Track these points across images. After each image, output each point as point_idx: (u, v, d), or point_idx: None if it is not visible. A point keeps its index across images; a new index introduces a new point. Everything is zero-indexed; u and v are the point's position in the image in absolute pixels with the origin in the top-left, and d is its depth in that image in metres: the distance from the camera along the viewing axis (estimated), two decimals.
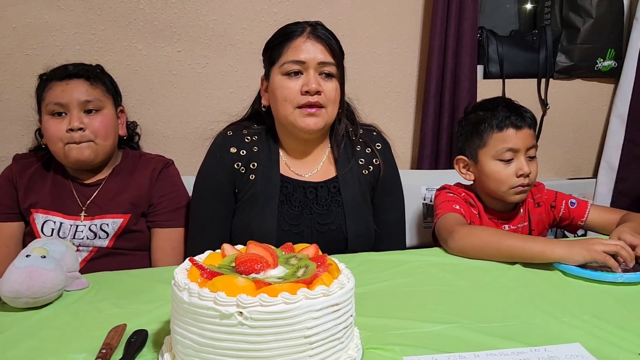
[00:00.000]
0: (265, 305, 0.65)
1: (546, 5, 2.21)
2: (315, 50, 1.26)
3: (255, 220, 1.29)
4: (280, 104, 1.27)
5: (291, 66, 1.26)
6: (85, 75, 1.34)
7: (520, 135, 1.31)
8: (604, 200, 2.16)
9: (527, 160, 1.32)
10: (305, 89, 1.25)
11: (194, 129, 1.83)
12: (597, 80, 2.20)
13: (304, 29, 1.29)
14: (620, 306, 0.98)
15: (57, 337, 0.85)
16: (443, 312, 0.93)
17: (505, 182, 1.32)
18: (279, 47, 1.29)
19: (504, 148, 1.32)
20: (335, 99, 1.29)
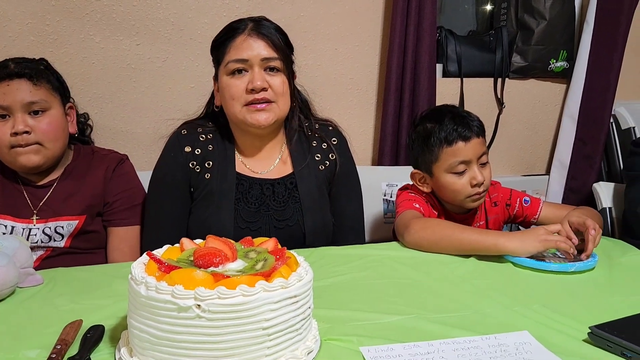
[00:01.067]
0: (223, 297, 0.66)
1: (502, 7, 2.28)
2: (257, 46, 1.26)
3: (211, 219, 1.29)
4: (229, 103, 1.28)
5: (234, 65, 1.26)
6: (27, 75, 1.25)
7: (470, 146, 1.33)
8: (556, 197, 2.24)
9: (480, 167, 1.34)
10: (250, 86, 1.25)
11: (153, 124, 1.80)
12: (550, 80, 2.28)
13: (246, 26, 1.29)
14: (568, 295, 1.03)
15: (10, 334, 0.84)
16: (400, 304, 0.96)
17: (461, 192, 1.35)
18: (222, 47, 1.30)
19: (455, 161, 1.33)
20: (284, 92, 1.29)
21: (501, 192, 1.49)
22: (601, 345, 0.81)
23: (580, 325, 0.87)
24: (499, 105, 2.24)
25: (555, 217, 1.41)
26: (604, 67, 2.10)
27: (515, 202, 1.46)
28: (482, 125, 1.38)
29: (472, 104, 2.19)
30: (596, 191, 1.60)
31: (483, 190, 1.35)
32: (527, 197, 1.46)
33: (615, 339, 0.79)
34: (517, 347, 0.81)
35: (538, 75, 2.25)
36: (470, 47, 2.20)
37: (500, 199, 1.47)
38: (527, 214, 1.45)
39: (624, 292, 1.05)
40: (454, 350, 0.80)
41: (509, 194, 1.48)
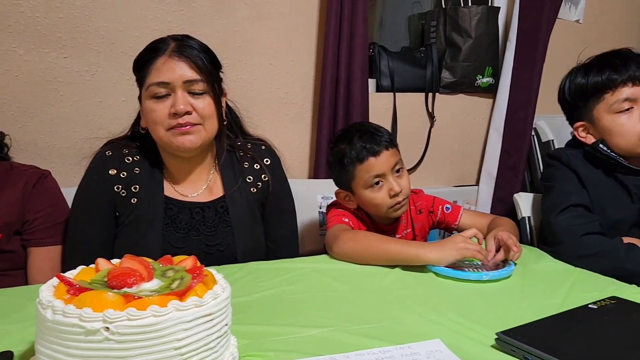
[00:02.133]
0: (132, 319, 0.66)
1: (432, 25, 2.37)
2: (179, 68, 1.21)
3: (138, 245, 1.24)
4: (153, 128, 1.25)
5: (156, 89, 1.22)
6: None
7: (381, 159, 1.37)
8: (485, 206, 2.35)
9: (396, 177, 1.39)
10: (172, 110, 1.20)
11: (83, 138, 1.75)
12: (478, 95, 2.40)
13: (168, 46, 1.24)
14: (482, 302, 1.09)
15: None
16: (321, 317, 0.98)
17: (382, 205, 1.40)
18: (143, 69, 1.25)
19: (370, 177, 1.37)
20: (210, 114, 1.25)
21: (424, 199, 1.55)
22: (506, 350, 0.86)
23: (490, 332, 0.91)
24: (430, 119, 2.33)
25: (474, 224, 1.49)
26: (525, 83, 2.23)
27: (438, 209, 1.53)
28: (391, 138, 1.42)
29: (405, 118, 2.27)
30: (516, 201, 1.69)
31: (403, 198, 1.40)
32: (448, 205, 1.54)
33: (518, 344, 0.84)
34: (429, 355, 0.84)
35: (466, 90, 2.35)
36: (402, 63, 2.28)
37: (424, 206, 1.54)
38: (449, 221, 1.52)
39: (534, 298, 1.12)
40: None
41: (432, 202, 1.54)
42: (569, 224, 1.34)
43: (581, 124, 1.48)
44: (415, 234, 1.53)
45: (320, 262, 1.30)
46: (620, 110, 1.39)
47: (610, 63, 1.40)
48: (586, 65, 1.45)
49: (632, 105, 1.38)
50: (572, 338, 0.86)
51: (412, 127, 2.31)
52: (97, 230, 1.28)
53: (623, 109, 1.38)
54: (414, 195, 1.55)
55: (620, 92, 1.38)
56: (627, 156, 1.40)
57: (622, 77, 1.37)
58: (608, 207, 1.38)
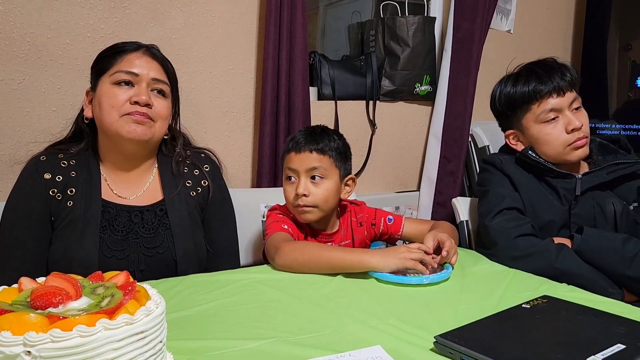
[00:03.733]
0: (56, 341, 0.62)
1: (371, 34, 2.42)
2: (149, 66, 1.28)
3: (73, 248, 1.22)
4: (106, 112, 1.24)
5: (123, 75, 1.25)
6: None
7: (299, 157, 1.40)
8: (426, 211, 2.40)
9: (311, 181, 1.40)
10: (135, 98, 1.24)
11: (9, 150, 1.67)
12: (417, 102, 2.46)
13: (138, 47, 1.30)
14: (421, 306, 1.10)
15: None
16: (262, 328, 0.96)
17: (289, 202, 1.43)
18: (111, 58, 1.27)
19: (286, 169, 1.43)
20: (165, 117, 1.30)
21: (366, 212, 1.56)
22: (444, 352, 0.87)
23: (429, 335, 0.93)
24: (372, 126, 2.36)
25: (417, 231, 1.52)
26: (461, 90, 2.31)
27: (380, 221, 1.54)
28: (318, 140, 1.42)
29: (347, 126, 2.29)
30: (455, 206, 1.73)
31: (307, 202, 1.39)
32: (390, 216, 1.55)
33: (455, 346, 0.86)
34: None
35: (405, 98, 2.41)
36: (343, 71, 2.31)
37: (366, 219, 1.55)
38: (392, 231, 1.54)
39: (472, 300, 1.14)
40: None
41: (374, 214, 1.56)
42: (502, 227, 1.38)
43: (511, 132, 1.54)
44: (355, 245, 1.53)
45: (261, 272, 1.28)
46: (546, 120, 1.46)
47: (535, 74, 1.46)
48: (514, 75, 1.52)
49: (557, 115, 1.45)
50: (506, 338, 0.89)
51: (354, 135, 2.33)
52: (32, 236, 1.24)
53: (549, 119, 1.45)
54: (356, 207, 1.56)
55: (546, 102, 1.44)
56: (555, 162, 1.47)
57: (547, 88, 1.44)
58: (539, 209, 1.44)
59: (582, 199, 1.44)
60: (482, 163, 1.60)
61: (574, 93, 1.46)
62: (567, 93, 1.44)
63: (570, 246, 1.34)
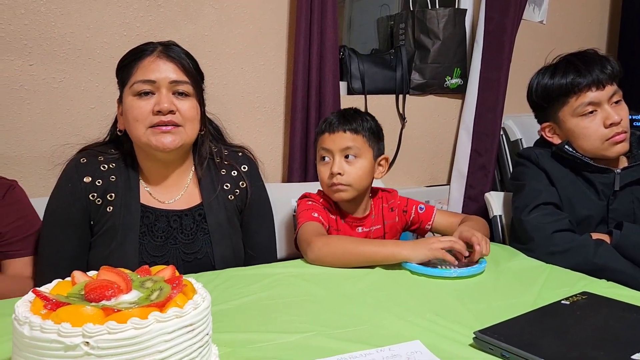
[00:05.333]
0: (113, 332, 0.65)
1: (401, 27, 2.40)
2: (166, 69, 1.23)
3: (114, 254, 1.22)
4: (133, 125, 1.22)
5: (141, 86, 1.21)
6: None
7: (333, 137, 1.43)
8: (457, 205, 2.39)
9: (345, 160, 1.43)
10: (156, 108, 1.20)
11: (51, 147, 1.72)
12: (447, 96, 2.44)
13: (155, 49, 1.25)
14: (458, 301, 1.10)
15: None
16: (301, 322, 0.98)
17: (324, 182, 1.46)
18: (128, 68, 1.25)
19: (320, 149, 1.47)
20: (193, 117, 1.26)
21: (398, 199, 1.58)
22: (484, 348, 0.88)
23: (467, 330, 0.93)
24: (401, 120, 2.36)
25: (447, 223, 1.53)
26: (493, 83, 2.28)
27: (412, 209, 1.56)
28: (362, 124, 1.46)
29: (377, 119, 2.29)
30: (488, 200, 1.72)
31: (344, 181, 1.42)
32: (422, 205, 1.57)
33: (495, 342, 0.86)
34: (409, 357, 0.86)
35: (435, 91, 2.39)
36: (372, 65, 2.30)
37: (397, 205, 1.57)
38: (422, 220, 1.55)
39: (508, 295, 1.14)
40: None
41: (406, 202, 1.58)
42: (539, 222, 1.37)
43: (548, 124, 1.52)
44: (386, 231, 1.55)
45: (296, 267, 1.30)
46: (584, 113, 1.43)
47: (574, 66, 1.44)
48: (552, 66, 1.49)
49: (595, 109, 1.42)
50: (547, 334, 0.89)
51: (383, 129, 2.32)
52: (72, 241, 1.25)
53: (586, 112, 1.43)
54: (388, 194, 1.58)
55: (584, 96, 1.42)
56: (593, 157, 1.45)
57: (586, 81, 1.41)
58: (576, 205, 1.42)
59: (620, 194, 1.42)
60: (517, 157, 1.59)
61: (614, 86, 1.42)
62: (607, 86, 1.40)
63: (608, 242, 1.32)
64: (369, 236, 1.51)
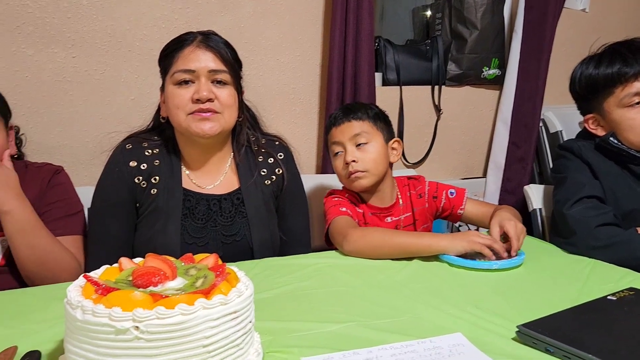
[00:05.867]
0: (161, 317, 0.66)
1: (437, 17, 2.37)
2: (205, 58, 1.27)
3: (158, 235, 1.28)
4: (174, 112, 1.28)
5: (181, 75, 1.26)
6: None
7: (340, 129, 1.45)
8: (493, 198, 2.35)
9: (358, 148, 1.43)
10: (196, 96, 1.25)
11: (93, 138, 1.77)
12: (484, 87, 2.39)
13: (194, 38, 1.29)
14: (497, 294, 1.09)
15: None
16: (339, 312, 0.99)
17: (341, 174, 1.47)
18: (169, 57, 1.29)
19: (331, 145, 1.48)
20: (231, 105, 1.30)
21: (427, 185, 1.56)
22: (527, 342, 0.86)
23: (509, 324, 0.92)
24: (437, 111, 2.33)
25: (480, 213, 1.51)
26: (532, 74, 2.22)
27: (442, 195, 1.55)
28: (362, 111, 1.47)
29: (411, 111, 2.27)
30: (527, 193, 1.69)
31: (360, 169, 1.42)
32: (452, 189, 1.55)
33: (540, 337, 0.85)
34: (451, 349, 0.85)
35: (472, 82, 2.35)
36: (407, 56, 2.28)
37: (426, 191, 1.55)
38: (454, 205, 1.54)
39: (550, 290, 1.12)
40: (392, 355, 0.83)
41: (435, 187, 1.56)
42: (582, 216, 1.33)
43: (591, 116, 1.48)
44: (416, 218, 1.53)
45: (333, 258, 1.30)
46: (630, 104, 1.38)
47: (621, 55, 1.39)
48: (597, 56, 1.45)
49: None
50: (593, 330, 0.87)
51: (418, 120, 2.31)
52: (119, 221, 1.31)
53: (633, 103, 1.38)
54: (414, 181, 1.56)
55: (631, 86, 1.37)
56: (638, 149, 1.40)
57: (633, 71, 1.36)
58: (621, 198, 1.38)
59: None
60: (558, 149, 1.55)
61: None
62: None
63: None
64: (399, 225, 1.51)
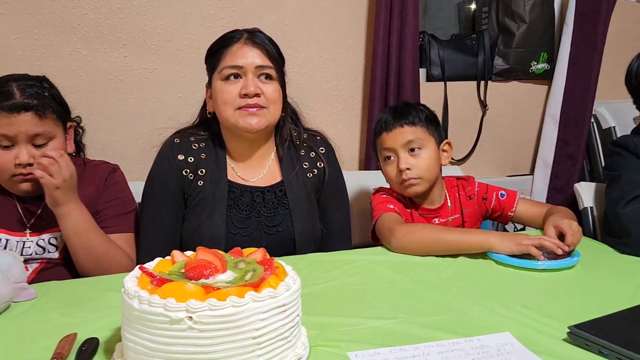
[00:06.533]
0: (214, 309, 0.68)
1: (484, 11, 2.32)
2: (252, 54, 1.31)
3: (204, 225, 1.32)
4: (222, 108, 1.31)
5: (229, 71, 1.30)
6: (34, 107, 1.24)
7: (392, 135, 1.42)
8: (540, 196, 2.29)
9: (410, 154, 1.41)
10: (243, 91, 1.28)
11: (143, 134, 1.82)
12: (532, 82, 2.34)
13: (241, 35, 1.33)
14: (547, 294, 1.06)
15: (7, 349, 0.85)
16: (386, 308, 0.99)
17: (394, 180, 1.44)
18: (217, 54, 1.33)
19: (382, 150, 1.45)
20: (276, 99, 1.33)
21: (476, 186, 1.54)
22: (579, 344, 0.84)
23: (560, 325, 0.90)
24: (482, 107, 2.28)
25: (532, 213, 1.47)
26: (583, 68, 2.15)
27: (492, 196, 1.51)
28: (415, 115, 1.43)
29: (456, 107, 2.24)
30: (577, 191, 1.64)
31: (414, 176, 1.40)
32: (503, 191, 1.51)
33: (593, 338, 0.82)
34: (499, 349, 0.84)
35: (520, 77, 2.30)
36: (452, 51, 2.25)
37: (476, 193, 1.52)
38: (505, 207, 1.50)
39: (602, 291, 1.09)
40: (439, 352, 0.83)
41: (485, 188, 1.53)
42: (638, 215, 1.28)
43: None
44: (465, 220, 1.51)
45: (377, 254, 1.30)
46: None
47: None
48: None
49: None
50: None
51: (463, 117, 2.27)
52: (169, 212, 1.35)
53: None
54: (464, 182, 1.54)
55: None
56: None
57: None
58: None
59: None
60: (612, 146, 1.49)
61: None
62: None
63: None
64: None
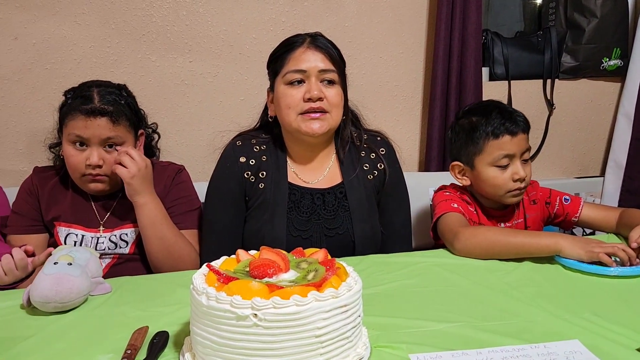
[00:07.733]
0: (278, 307, 0.70)
1: (551, 7, 2.24)
2: (315, 59, 1.32)
3: (265, 227, 1.34)
4: (284, 112, 1.33)
5: (293, 75, 1.31)
6: (109, 113, 1.33)
7: (515, 141, 1.35)
8: (612, 199, 2.18)
9: (522, 163, 1.36)
10: (307, 96, 1.30)
11: (207, 136, 1.88)
12: (603, 79, 2.22)
13: (304, 40, 1.35)
14: (618, 302, 1.02)
15: (84, 340, 0.91)
16: (448, 312, 0.98)
17: (502, 187, 1.37)
18: (280, 59, 1.35)
19: (500, 155, 1.35)
20: (338, 103, 1.34)
21: (540, 190, 1.49)
22: None
23: (633, 334, 0.87)
24: (549, 106, 2.20)
25: (600, 217, 1.42)
26: None
27: (555, 201, 1.47)
28: (527, 121, 1.40)
29: (521, 106, 2.13)
30: None
31: (524, 186, 1.37)
32: (567, 196, 1.47)
33: None
34: (568, 356, 0.81)
35: (590, 74, 2.19)
36: (517, 49, 2.18)
37: (540, 197, 1.48)
38: (568, 212, 1.45)
39: None
40: (503, 358, 0.81)
41: (549, 193, 1.49)
42: None
43: None
44: (527, 225, 1.46)
45: (439, 257, 1.29)
46: None
47: None
48: None
49: None
50: None
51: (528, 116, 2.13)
52: (230, 212, 1.39)
53: None
54: (528, 186, 1.49)
55: None
56: None
57: None
58: None
59: None
60: None
61: None
62: None
63: None
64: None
